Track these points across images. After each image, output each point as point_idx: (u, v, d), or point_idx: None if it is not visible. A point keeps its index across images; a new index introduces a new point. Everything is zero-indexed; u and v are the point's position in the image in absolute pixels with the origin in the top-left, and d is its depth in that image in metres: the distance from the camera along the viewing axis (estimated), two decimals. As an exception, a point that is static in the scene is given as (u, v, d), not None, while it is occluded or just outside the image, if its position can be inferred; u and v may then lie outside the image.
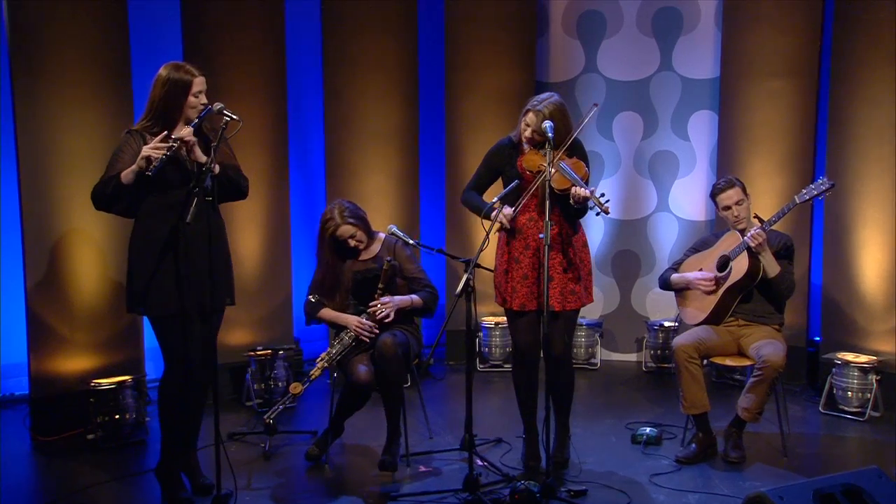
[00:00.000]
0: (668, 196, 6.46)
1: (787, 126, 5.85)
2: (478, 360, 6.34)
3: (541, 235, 3.81)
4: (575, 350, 6.33)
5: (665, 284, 4.76)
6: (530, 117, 4.03)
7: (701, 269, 4.63)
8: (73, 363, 4.95)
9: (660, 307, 6.48)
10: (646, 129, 6.47)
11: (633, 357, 6.59)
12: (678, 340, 4.44)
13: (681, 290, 4.73)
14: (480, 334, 6.31)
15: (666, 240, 6.47)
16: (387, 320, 4.31)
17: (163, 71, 3.77)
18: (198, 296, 3.77)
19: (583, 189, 3.85)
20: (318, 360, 4.35)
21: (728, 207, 4.54)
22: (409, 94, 6.15)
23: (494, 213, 4.02)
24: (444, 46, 6.37)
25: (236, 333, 5.66)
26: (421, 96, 6.22)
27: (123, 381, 4.83)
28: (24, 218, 4.79)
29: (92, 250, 4.95)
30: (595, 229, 6.61)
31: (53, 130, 4.83)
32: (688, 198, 6.42)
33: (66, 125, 4.85)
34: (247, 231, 5.66)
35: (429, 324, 6.58)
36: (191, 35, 5.42)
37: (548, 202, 3.77)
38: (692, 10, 6.31)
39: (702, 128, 6.35)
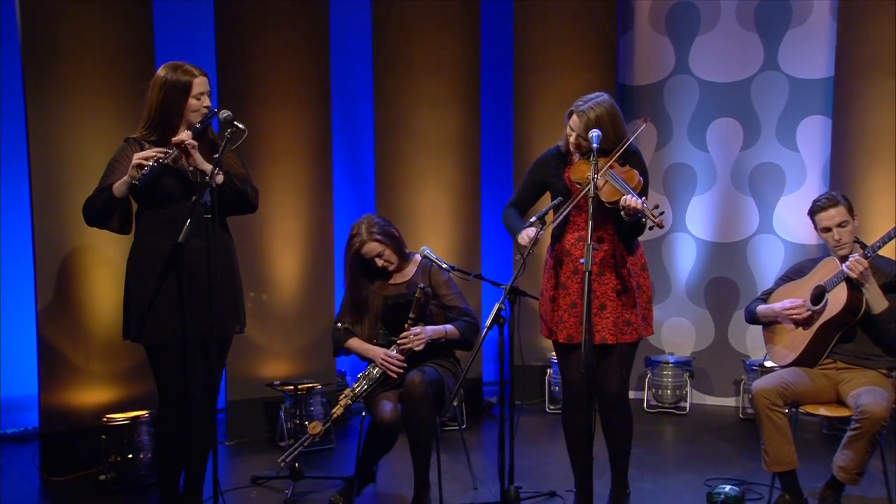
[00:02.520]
0: (772, 215, 6.19)
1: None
2: (548, 399, 6.22)
3: (582, 260, 3.61)
4: (660, 391, 6.14)
5: (751, 317, 4.47)
6: (574, 121, 3.86)
7: (792, 301, 4.34)
8: (88, 396, 4.96)
9: (761, 344, 6.06)
10: (746, 138, 6.22)
11: (729, 401, 6.29)
12: (759, 384, 4.14)
13: (769, 325, 4.42)
14: (550, 371, 6.17)
15: (769, 266, 6.17)
16: (418, 348, 4.19)
17: (160, 72, 3.74)
18: (200, 323, 3.69)
19: (633, 198, 3.64)
20: (341, 396, 4.25)
21: (828, 229, 4.23)
22: (470, 98, 6.07)
23: (532, 233, 3.84)
24: (513, 45, 6.28)
25: (272, 366, 5.61)
26: (483, 102, 6.13)
27: (138, 417, 4.79)
28: (35, 235, 4.84)
29: (108, 271, 4.96)
30: (686, 253, 6.40)
31: (68, 140, 4.87)
32: (795, 217, 6.10)
33: (82, 135, 4.89)
34: (285, 252, 5.63)
35: (490, 356, 6.39)
36: (224, 37, 5.43)
37: (590, 222, 3.56)
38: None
39: (812, 136, 6.08)
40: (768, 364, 5.85)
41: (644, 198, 3.71)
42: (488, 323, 3.70)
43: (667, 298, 6.44)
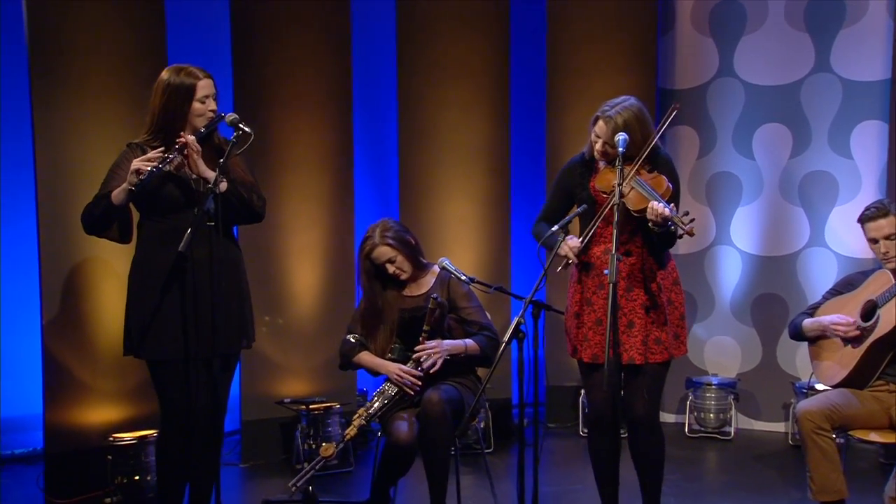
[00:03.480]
0: (824, 227, 6.06)
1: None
2: (581, 422, 6.12)
3: (605, 272, 3.54)
4: (703, 415, 6.02)
5: (795, 331, 4.36)
6: (600, 127, 3.79)
7: (841, 316, 4.22)
8: (94, 414, 4.95)
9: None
10: (796, 145, 6.10)
11: (778, 427, 6.14)
12: (804, 406, 4.01)
13: (815, 340, 4.30)
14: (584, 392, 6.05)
15: (820, 281, 6.00)
16: (433, 369, 4.11)
17: (163, 74, 3.74)
18: (204, 338, 3.66)
19: (660, 204, 3.56)
20: (355, 416, 4.18)
21: (875, 240, 4.12)
22: (499, 103, 6.03)
23: (556, 244, 3.77)
24: (545, 47, 6.23)
25: (290, 384, 5.58)
26: (513, 106, 6.08)
27: (146, 437, 4.77)
28: (41, 246, 4.85)
29: (116, 283, 4.92)
30: (731, 268, 6.29)
31: (76, 147, 4.88)
32: (849, 229, 5.87)
33: (91, 141, 4.89)
34: (303, 265, 5.61)
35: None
36: (240, 39, 5.42)
37: (615, 231, 3.50)
38: (857, -4, 5.95)
39: (868, 142, 5.94)
40: (819, 387, 5.69)
41: (672, 204, 3.62)
42: (507, 337, 3.62)
43: (710, 316, 6.32)
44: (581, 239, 3.82)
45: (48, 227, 4.85)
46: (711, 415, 5.99)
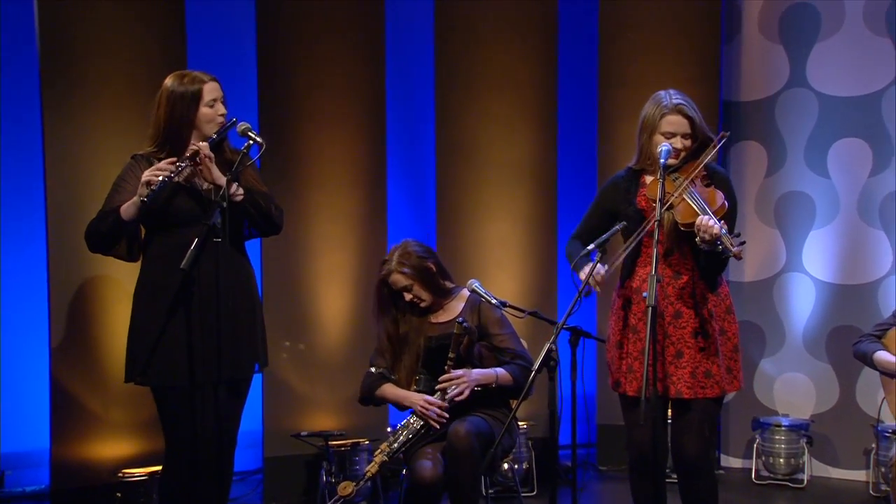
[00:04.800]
0: (908, 252, 5.96)
1: None
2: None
3: (644, 294, 3.48)
4: (772, 460, 5.90)
5: (862, 357, 4.24)
6: (671, 122, 3.78)
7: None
8: (104, 448, 4.98)
9: None
10: (876, 162, 6.01)
11: (858, 475, 5.98)
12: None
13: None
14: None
15: (906, 312, 5.86)
16: (459, 398, 4.08)
17: (166, 82, 3.79)
18: (213, 362, 3.66)
19: (709, 219, 3.51)
20: (377, 451, 4.15)
21: None
22: (546, 117, 6.02)
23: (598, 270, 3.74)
24: (597, 56, 6.20)
25: (316, 417, 5.57)
26: (561, 121, 6.07)
27: (157, 472, 4.74)
28: (50, 267, 4.91)
29: (129, 305, 4.93)
30: (803, 297, 6.18)
31: (87, 161, 4.95)
32: (938, 255, 5.88)
33: (104, 155, 4.93)
34: (331, 289, 5.62)
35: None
36: (266, 48, 5.48)
37: (655, 248, 3.45)
38: (947, -3, 5.89)
39: (958, 159, 5.85)
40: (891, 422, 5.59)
41: (723, 222, 3.56)
42: (536, 365, 3.60)
43: (780, 350, 6.20)
44: (612, 262, 3.78)
45: (58, 246, 4.90)
46: (781, 460, 5.87)
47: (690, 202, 3.62)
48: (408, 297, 4.20)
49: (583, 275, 3.75)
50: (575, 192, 6.32)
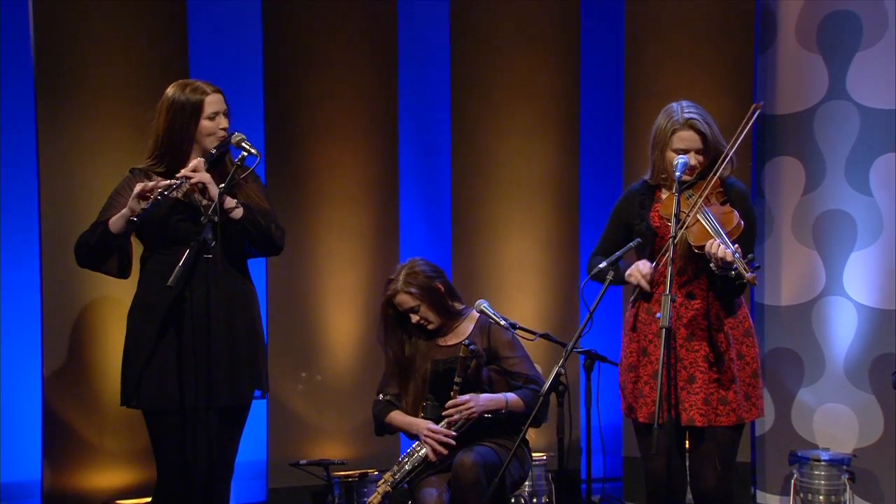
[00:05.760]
0: (958, 276, 5.88)
1: None
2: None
3: (657, 315, 3.51)
4: (811, 496, 5.77)
5: None
6: (684, 137, 3.80)
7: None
8: (99, 478, 5.01)
9: (945, 439, 5.78)
10: None
11: (907, 514, 5.90)
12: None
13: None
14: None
15: (958, 339, 5.83)
16: (465, 427, 4.10)
17: (168, 91, 3.83)
18: (206, 386, 3.67)
19: (719, 243, 3.51)
20: (380, 482, 4.19)
21: None
22: (568, 129, 6.01)
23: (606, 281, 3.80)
24: (623, 66, 6.17)
25: (323, 446, 5.58)
26: (584, 134, 6.06)
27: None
28: (44, 288, 4.95)
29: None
30: (844, 323, 6.06)
31: (83, 177, 5.00)
32: None
33: (100, 171, 4.95)
34: (340, 310, 5.64)
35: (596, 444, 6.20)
36: (273, 58, 5.52)
37: (670, 268, 3.47)
38: None
39: None
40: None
41: (737, 245, 3.55)
42: (545, 388, 3.66)
43: (819, 379, 6.09)
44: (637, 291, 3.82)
45: (52, 266, 4.94)
46: (822, 497, 5.75)
47: (704, 223, 3.64)
48: (414, 318, 4.22)
49: (630, 278, 3.80)
50: (598, 210, 6.24)
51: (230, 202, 3.66)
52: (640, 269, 3.78)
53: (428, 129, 6.26)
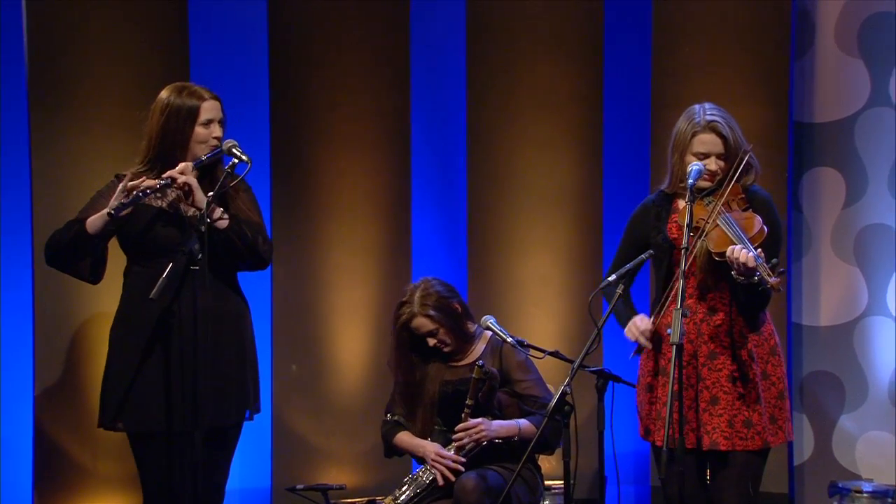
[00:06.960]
0: None
1: None
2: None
3: (668, 331, 3.51)
4: (849, 531, 5.73)
5: None
6: (704, 140, 3.82)
7: None
8: (94, 503, 5.01)
9: None
10: None
11: (960, 551, 5.80)
12: None
13: None
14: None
15: None
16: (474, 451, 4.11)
17: (163, 94, 3.85)
18: (191, 406, 3.66)
19: (741, 248, 3.49)
20: (378, 509, 4.18)
21: None
22: (590, 139, 5.97)
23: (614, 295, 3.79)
24: (649, 73, 6.15)
25: (330, 472, 5.56)
26: (607, 144, 6.03)
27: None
28: (36, 304, 4.99)
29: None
30: (889, 345, 6.00)
31: (78, 188, 4.94)
32: None
33: (96, 182, 4.92)
34: (349, 328, 5.65)
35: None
36: (279, 63, 5.53)
37: (682, 281, 3.48)
38: None
39: None
40: None
41: (759, 250, 3.53)
42: (549, 408, 3.67)
43: (862, 405, 6.04)
44: (657, 310, 3.80)
45: (44, 281, 4.95)
46: (862, 532, 5.70)
47: (725, 229, 3.62)
48: (431, 342, 4.24)
49: (628, 333, 3.81)
50: (622, 223, 6.21)
51: (216, 211, 3.67)
52: (637, 326, 3.80)
53: (442, 137, 6.22)
